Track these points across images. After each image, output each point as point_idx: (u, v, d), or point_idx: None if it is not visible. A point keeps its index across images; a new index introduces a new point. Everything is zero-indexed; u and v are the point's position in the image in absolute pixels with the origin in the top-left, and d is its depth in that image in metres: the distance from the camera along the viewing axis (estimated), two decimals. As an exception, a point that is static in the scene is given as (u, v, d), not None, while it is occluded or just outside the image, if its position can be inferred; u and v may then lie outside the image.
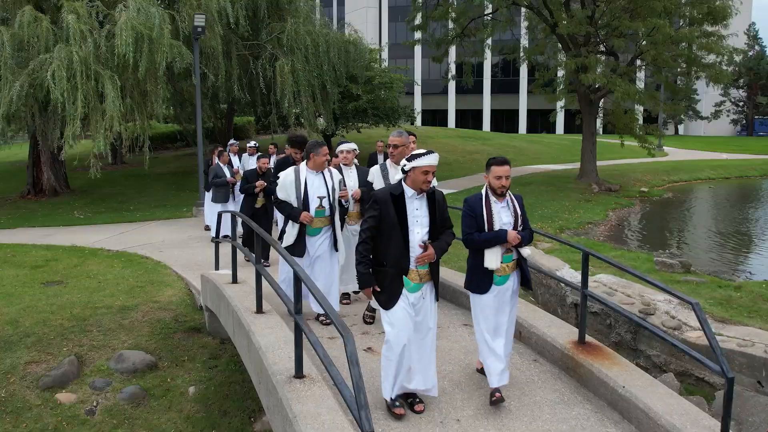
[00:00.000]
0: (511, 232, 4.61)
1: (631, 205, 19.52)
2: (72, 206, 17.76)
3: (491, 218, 4.63)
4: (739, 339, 6.81)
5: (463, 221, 4.72)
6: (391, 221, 4.35)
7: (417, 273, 4.41)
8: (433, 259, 4.43)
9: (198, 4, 15.64)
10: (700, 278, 9.48)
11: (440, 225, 4.48)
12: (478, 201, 4.70)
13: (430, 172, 4.33)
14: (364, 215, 4.51)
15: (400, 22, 53.34)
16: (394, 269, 4.38)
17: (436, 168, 4.39)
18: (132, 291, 9.20)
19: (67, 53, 13.19)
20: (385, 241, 4.39)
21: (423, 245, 4.36)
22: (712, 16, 18.99)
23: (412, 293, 4.42)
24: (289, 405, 4.07)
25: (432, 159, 4.36)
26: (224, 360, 7.77)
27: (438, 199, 4.49)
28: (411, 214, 4.39)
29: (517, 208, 4.76)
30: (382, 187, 4.81)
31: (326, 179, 6.32)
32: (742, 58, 24.71)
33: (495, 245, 4.62)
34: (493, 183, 4.64)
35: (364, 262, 4.41)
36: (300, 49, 17.86)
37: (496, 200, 4.68)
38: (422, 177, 4.32)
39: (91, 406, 6.87)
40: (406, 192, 4.41)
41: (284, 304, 5.09)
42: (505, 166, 4.65)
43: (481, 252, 4.66)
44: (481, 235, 4.63)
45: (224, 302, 6.59)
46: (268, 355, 4.83)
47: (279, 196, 6.29)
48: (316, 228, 6.27)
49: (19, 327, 7.87)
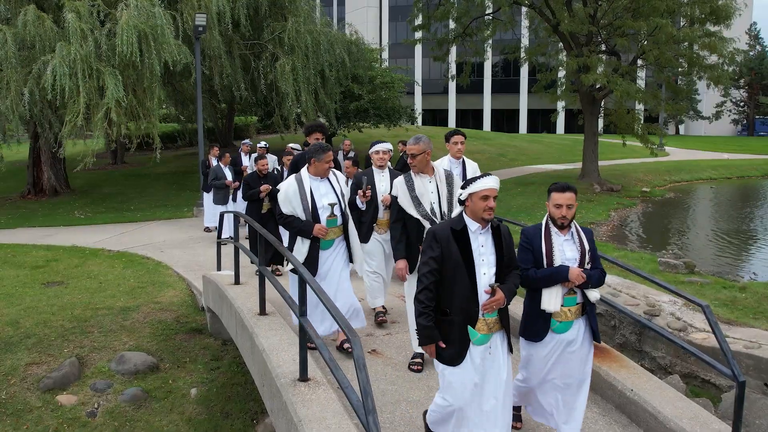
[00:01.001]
0: (573, 269, 3.94)
1: (632, 205, 19.47)
2: (72, 206, 17.71)
3: (551, 253, 4.01)
4: (745, 341, 6.76)
5: (519, 255, 4.08)
6: (454, 261, 3.70)
7: (485, 322, 3.74)
8: (503, 304, 3.77)
9: (199, 4, 15.59)
10: (704, 279, 9.43)
11: (507, 264, 3.84)
12: (536, 233, 4.08)
13: (491, 197, 3.72)
14: (421, 257, 3.81)
15: (400, 21, 53.33)
16: (460, 318, 3.72)
17: (497, 192, 3.78)
18: (133, 292, 9.15)
19: (69, 52, 13.14)
20: (447, 286, 3.73)
21: (490, 289, 3.72)
22: (715, 16, 18.94)
23: (478, 346, 3.76)
24: (294, 409, 4.01)
25: (491, 182, 3.76)
26: (226, 361, 7.72)
27: (504, 233, 3.85)
28: (476, 252, 3.75)
29: (585, 242, 4.09)
30: (441, 222, 3.98)
31: (333, 184, 5.66)
32: (743, 58, 24.62)
33: (554, 283, 3.98)
34: (553, 212, 4.03)
35: (427, 313, 3.70)
36: (301, 49, 17.81)
37: (558, 232, 4.06)
38: (482, 204, 3.70)
39: (92, 408, 6.81)
40: (470, 226, 3.77)
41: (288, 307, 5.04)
42: (567, 193, 4.01)
43: (539, 292, 4.04)
44: (538, 271, 4.01)
45: (227, 303, 6.53)
46: (271, 357, 4.78)
47: (284, 210, 5.51)
48: (328, 240, 5.56)
49: (19, 328, 7.82)
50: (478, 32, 23.24)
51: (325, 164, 5.50)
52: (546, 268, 4.00)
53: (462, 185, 3.83)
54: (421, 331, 3.73)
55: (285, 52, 17.70)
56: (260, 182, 9.07)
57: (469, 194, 3.74)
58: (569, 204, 4.00)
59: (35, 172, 19.51)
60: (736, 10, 19.40)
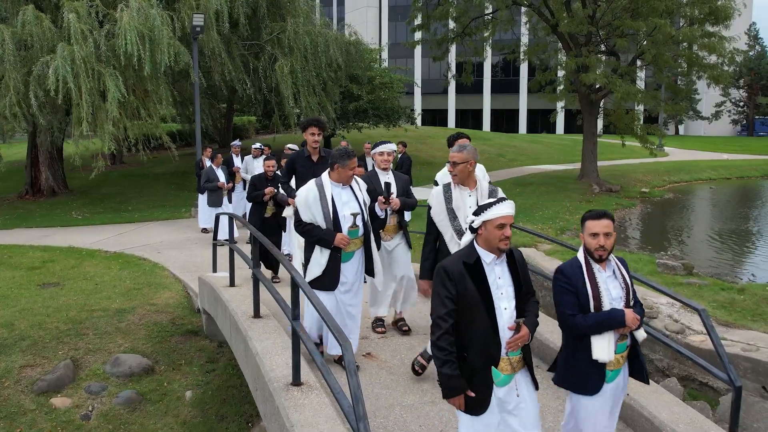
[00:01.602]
0: (629, 313, 3.50)
1: (632, 206, 19.44)
2: (70, 206, 17.67)
3: (598, 293, 3.53)
4: (743, 343, 6.73)
5: (560, 298, 3.60)
6: (471, 299, 3.31)
7: (509, 361, 3.39)
8: (528, 340, 3.43)
9: (197, 4, 15.55)
10: (702, 280, 9.39)
11: (525, 293, 3.49)
12: (576, 271, 3.58)
13: (507, 225, 3.35)
14: (433, 297, 3.42)
15: (400, 21, 53.25)
16: (481, 360, 3.35)
17: (513, 218, 3.41)
18: (129, 293, 9.11)
19: (70, 52, 13.12)
20: (465, 327, 3.36)
21: (515, 325, 3.37)
22: (714, 16, 18.91)
23: (502, 387, 3.40)
24: (287, 414, 3.98)
25: (508, 208, 3.38)
26: (222, 364, 7.69)
27: (518, 260, 3.49)
28: (494, 286, 3.38)
29: (626, 276, 3.67)
30: (448, 258, 3.55)
31: (355, 192, 5.24)
32: (742, 58, 24.61)
33: (607, 330, 3.52)
34: (589, 243, 3.56)
35: (451, 360, 3.30)
36: (299, 49, 17.77)
37: (600, 269, 3.59)
38: (498, 233, 3.33)
39: (87, 410, 6.78)
40: (483, 257, 3.39)
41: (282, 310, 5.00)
42: (604, 220, 3.55)
43: (585, 340, 3.55)
44: (588, 317, 3.50)
45: (221, 306, 6.50)
46: (265, 361, 4.75)
47: (303, 218, 5.09)
48: (349, 252, 5.16)
49: (14, 330, 7.78)
50: (478, 32, 23.21)
51: (349, 171, 5.10)
52: (596, 314, 3.51)
53: (474, 211, 3.45)
54: (446, 383, 3.31)
55: (284, 53, 17.66)
56: (267, 184, 8.64)
57: (483, 222, 3.37)
58: (607, 232, 3.53)
59: (33, 173, 19.48)
60: (735, 11, 19.37)
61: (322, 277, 5.06)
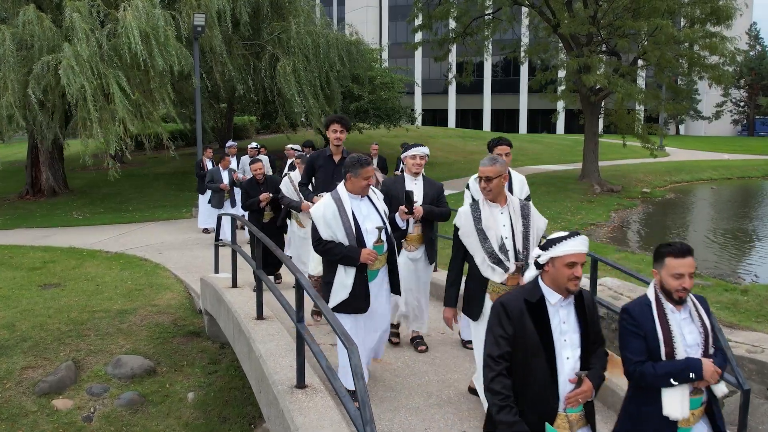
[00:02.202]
0: (707, 365, 3.01)
1: (633, 206, 19.41)
2: (71, 207, 17.64)
3: (670, 338, 3.05)
4: (748, 345, 6.69)
5: (625, 342, 3.13)
6: (530, 342, 2.94)
7: (567, 418, 2.96)
8: (591, 396, 3.01)
9: (198, 4, 15.53)
10: (705, 281, 9.36)
11: (592, 341, 3.07)
12: (645, 311, 3.10)
13: (578, 263, 2.94)
14: (487, 334, 3.05)
15: (400, 21, 53.21)
16: (534, 413, 2.95)
17: (585, 256, 2.99)
18: (130, 294, 9.08)
19: (75, 52, 13.10)
20: (519, 372, 2.97)
21: (576, 378, 2.96)
22: (716, 16, 18.89)
23: None
24: (291, 417, 3.95)
25: (580, 244, 2.97)
26: (224, 365, 7.66)
27: (588, 303, 3.07)
28: (557, 330, 2.98)
29: (705, 318, 3.17)
30: (508, 293, 3.16)
31: (374, 203, 4.80)
32: (743, 57, 24.61)
33: (681, 382, 3.02)
34: (670, 284, 3.05)
35: (509, 405, 2.91)
36: (301, 49, 17.75)
37: (674, 309, 3.11)
38: (567, 272, 2.92)
39: (89, 412, 6.75)
40: (548, 297, 3.00)
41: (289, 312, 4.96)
42: (688, 259, 3.05)
43: (653, 391, 3.09)
44: (658, 366, 3.03)
45: (224, 307, 6.47)
46: (269, 363, 4.72)
47: (322, 236, 4.60)
48: (374, 270, 4.70)
49: (15, 331, 7.75)
50: (479, 31, 23.20)
51: (363, 181, 4.64)
52: (668, 363, 3.04)
53: (541, 245, 3.06)
54: (506, 430, 2.90)
55: (285, 53, 17.63)
56: (259, 189, 8.18)
57: (551, 258, 2.96)
58: (691, 273, 3.05)
59: (34, 172, 19.44)
60: (737, 11, 19.34)
61: (351, 300, 4.59)
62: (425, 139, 30.10)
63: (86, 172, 21.75)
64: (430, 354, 5.74)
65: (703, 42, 19.39)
